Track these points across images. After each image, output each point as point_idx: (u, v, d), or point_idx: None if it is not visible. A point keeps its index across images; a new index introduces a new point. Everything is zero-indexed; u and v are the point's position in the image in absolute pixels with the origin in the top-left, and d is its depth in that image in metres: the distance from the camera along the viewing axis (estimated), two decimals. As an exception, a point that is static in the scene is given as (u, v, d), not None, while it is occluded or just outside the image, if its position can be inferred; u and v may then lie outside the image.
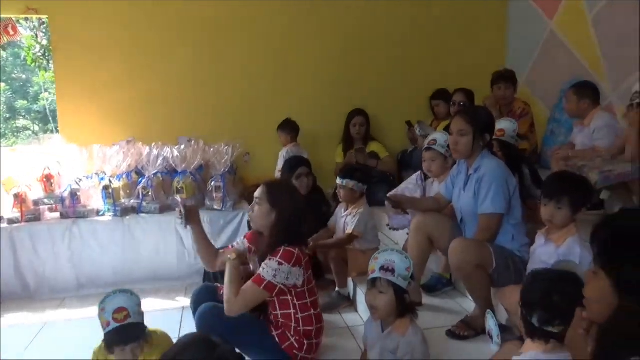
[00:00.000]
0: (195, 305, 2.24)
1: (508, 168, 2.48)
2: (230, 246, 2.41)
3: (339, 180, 3.02)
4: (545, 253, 2.06)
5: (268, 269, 2.07)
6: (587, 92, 3.34)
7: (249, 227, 2.74)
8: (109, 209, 3.60)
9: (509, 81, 3.99)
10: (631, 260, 1.01)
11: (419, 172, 3.12)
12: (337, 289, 2.93)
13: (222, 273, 2.38)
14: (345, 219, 3.00)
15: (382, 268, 1.83)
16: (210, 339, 1.24)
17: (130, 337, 1.83)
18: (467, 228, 2.48)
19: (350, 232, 2.90)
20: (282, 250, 2.09)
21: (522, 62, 4.64)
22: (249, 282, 2.10)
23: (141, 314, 1.92)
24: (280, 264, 2.06)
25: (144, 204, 3.63)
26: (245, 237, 2.41)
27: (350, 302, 2.93)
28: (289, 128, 4.39)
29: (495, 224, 2.36)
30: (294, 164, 3.35)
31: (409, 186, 3.12)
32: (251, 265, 2.32)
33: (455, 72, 4.72)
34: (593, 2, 3.87)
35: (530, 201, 2.73)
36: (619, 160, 2.87)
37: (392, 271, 1.81)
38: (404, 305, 1.85)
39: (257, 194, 2.21)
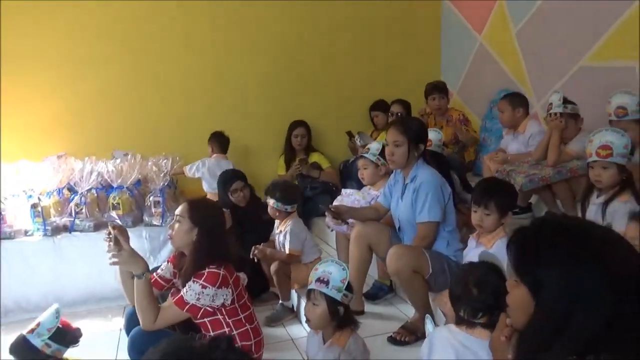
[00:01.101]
0: (129, 327, 2.15)
1: (442, 176, 2.58)
2: (155, 273, 2.30)
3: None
4: (476, 256, 2.14)
5: (191, 291, 2.01)
6: (519, 101, 3.50)
7: None
8: (38, 229, 3.39)
9: (443, 92, 4.14)
10: (540, 267, 1.04)
11: (374, 196, 3.12)
12: (280, 301, 2.92)
13: (163, 296, 2.32)
14: (279, 237, 3.01)
15: (318, 279, 1.84)
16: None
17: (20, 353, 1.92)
18: (405, 236, 2.55)
19: (288, 252, 2.91)
20: (206, 273, 2.02)
21: (455, 73, 4.86)
22: (171, 303, 2.03)
23: (41, 335, 1.95)
24: (204, 287, 2.00)
25: (77, 221, 3.46)
26: (169, 261, 2.33)
27: (294, 314, 2.92)
28: (212, 139, 4.33)
29: (432, 232, 2.45)
30: (227, 179, 3.31)
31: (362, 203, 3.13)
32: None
33: (393, 84, 4.86)
34: (516, 18, 4.12)
35: (461, 206, 2.85)
36: (543, 165, 3.06)
37: (327, 283, 1.82)
38: (338, 317, 1.85)
39: (178, 211, 2.15)
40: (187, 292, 2.02)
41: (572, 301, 0.98)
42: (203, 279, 2.01)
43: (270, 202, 2.97)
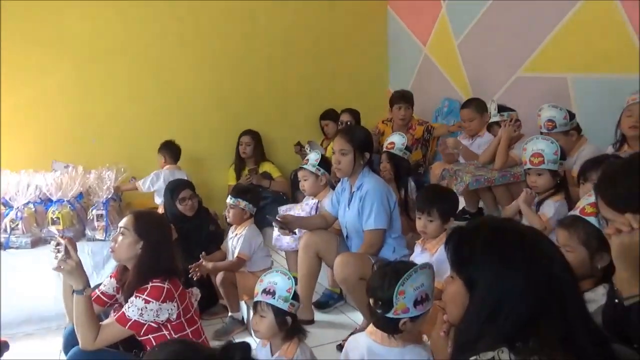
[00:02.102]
0: (67, 347, 2.05)
1: (392, 182, 2.64)
2: (97, 290, 2.22)
3: (229, 200, 3.00)
4: (421, 261, 2.20)
5: (133, 307, 1.94)
6: (483, 106, 3.56)
7: None
8: (-31, 247, 3.20)
9: (409, 101, 4.07)
10: (475, 263, 1.12)
11: (315, 202, 3.16)
12: (229, 313, 2.87)
13: (107, 313, 2.23)
14: (232, 241, 2.98)
15: (264, 291, 1.83)
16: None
17: None
18: (353, 243, 2.59)
19: (236, 256, 2.87)
20: (149, 287, 1.96)
21: (402, 83, 4.97)
22: (112, 320, 1.96)
23: None
24: (147, 302, 1.93)
25: (13, 238, 3.27)
26: (111, 276, 2.25)
27: (244, 326, 2.88)
28: (163, 150, 4.23)
29: (378, 239, 2.50)
30: (175, 187, 3.26)
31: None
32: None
33: (343, 93, 4.94)
34: (457, 31, 4.29)
35: (413, 212, 2.91)
36: (489, 168, 3.21)
37: (273, 293, 1.81)
38: (286, 328, 1.85)
39: (122, 223, 2.09)
40: (129, 308, 1.95)
41: (502, 294, 1.06)
42: (146, 293, 1.95)
43: (242, 203, 2.94)
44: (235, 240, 2.97)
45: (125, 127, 4.42)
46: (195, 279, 2.72)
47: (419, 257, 2.26)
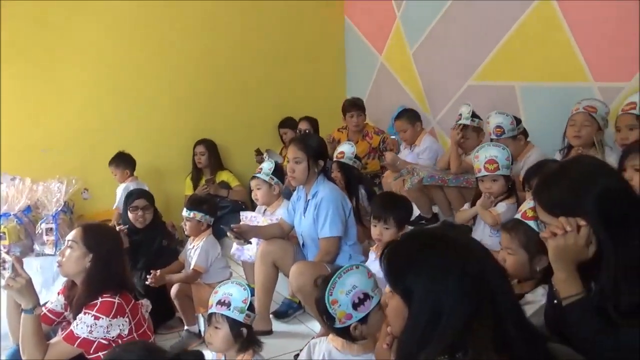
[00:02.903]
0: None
1: (344, 191, 2.66)
2: (44, 307, 2.12)
3: (185, 213, 2.95)
4: (376, 268, 2.23)
5: (82, 324, 1.88)
6: (415, 117, 3.73)
7: None
8: None
9: (361, 109, 4.18)
10: (409, 275, 1.12)
11: (263, 209, 3.14)
12: (185, 327, 2.81)
13: (55, 332, 2.15)
14: (190, 252, 2.93)
15: (219, 302, 1.81)
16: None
17: None
18: (309, 251, 2.59)
19: (192, 268, 2.82)
20: (99, 302, 1.90)
21: (359, 91, 5.03)
22: (59, 339, 1.89)
23: None
24: (96, 318, 1.88)
25: (-47, 255, 3.11)
26: (59, 293, 2.17)
27: (200, 340, 2.81)
28: (123, 163, 4.10)
29: (334, 247, 2.51)
30: (131, 195, 3.17)
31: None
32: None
33: (301, 102, 4.94)
34: (412, 41, 4.39)
35: (366, 220, 2.95)
36: (445, 172, 3.31)
37: (228, 305, 1.79)
38: (241, 339, 1.82)
39: (70, 236, 2.03)
40: (77, 325, 1.89)
41: (438, 301, 1.07)
42: (95, 309, 1.89)
43: (198, 215, 2.88)
44: (193, 252, 2.91)
45: (76, 137, 4.28)
46: (150, 284, 2.66)
47: (373, 263, 2.28)
